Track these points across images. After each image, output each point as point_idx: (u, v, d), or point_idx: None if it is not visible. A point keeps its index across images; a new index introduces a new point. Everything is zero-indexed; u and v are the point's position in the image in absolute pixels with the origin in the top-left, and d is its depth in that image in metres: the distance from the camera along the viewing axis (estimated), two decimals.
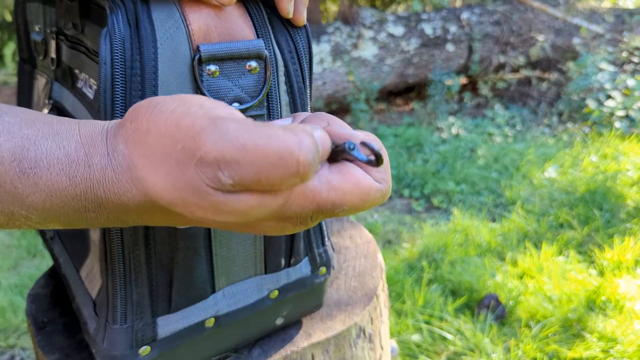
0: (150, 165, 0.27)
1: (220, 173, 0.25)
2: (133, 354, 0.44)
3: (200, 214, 0.27)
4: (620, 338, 1.51)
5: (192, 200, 0.26)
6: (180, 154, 0.26)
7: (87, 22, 0.46)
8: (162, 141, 0.27)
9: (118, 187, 0.28)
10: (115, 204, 0.28)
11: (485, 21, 3.91)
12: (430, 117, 3.52)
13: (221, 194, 0.26)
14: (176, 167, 0.26)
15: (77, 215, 0.29)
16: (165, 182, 0.27)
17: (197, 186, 0.26)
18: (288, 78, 0.45)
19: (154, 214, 0.29)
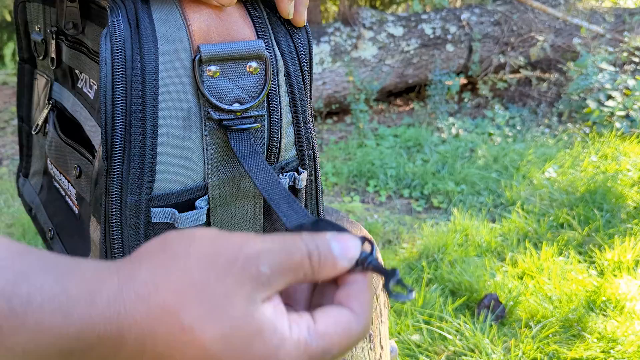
0: (182, 286, 0.27)
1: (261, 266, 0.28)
2: None
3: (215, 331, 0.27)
4: (620, 338, 1.51)
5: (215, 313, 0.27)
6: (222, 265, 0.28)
7: (88, 22, 0.46)
8: (203, 261, 0.28)
9: (124, 319, 0.27)
10: (110, 343, 0.26)
11: (485, 21, 3.91)
12: (430, 117, 3.52)
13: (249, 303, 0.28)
14: (215, 280, 0.28)
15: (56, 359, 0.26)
16: (194, 298, 0.27)
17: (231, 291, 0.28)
18: (288, 79, 0.45)
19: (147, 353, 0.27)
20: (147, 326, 0.26)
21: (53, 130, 0.57)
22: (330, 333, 0.29)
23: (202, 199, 0.44)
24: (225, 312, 0.27)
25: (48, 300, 0.25)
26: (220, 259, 0.28)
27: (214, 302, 0.27)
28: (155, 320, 0.27)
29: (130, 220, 0.42)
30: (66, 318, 0.25)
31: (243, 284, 0.27)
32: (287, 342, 0.28)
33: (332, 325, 0.29)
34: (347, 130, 3.47)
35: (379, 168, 2.76)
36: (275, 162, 0.49)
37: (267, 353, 0.27)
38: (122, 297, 0.27)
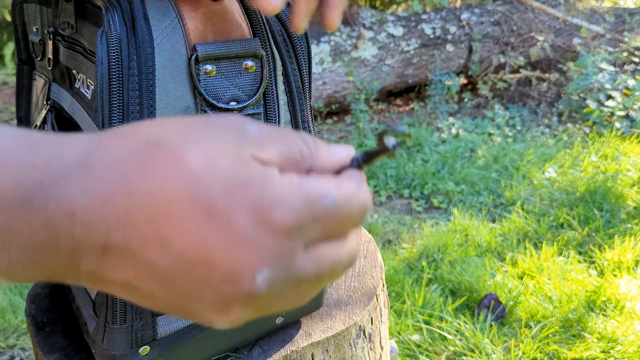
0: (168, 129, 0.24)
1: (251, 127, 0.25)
2: (133, 353, 0.44)
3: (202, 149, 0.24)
4: (620, 338, 1.50)
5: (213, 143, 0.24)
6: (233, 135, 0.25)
7: (84, 23, 0.46)
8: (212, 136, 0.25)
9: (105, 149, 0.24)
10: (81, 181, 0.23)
11: (485, 21, 3.91)
12: (430, 117, 3.52)
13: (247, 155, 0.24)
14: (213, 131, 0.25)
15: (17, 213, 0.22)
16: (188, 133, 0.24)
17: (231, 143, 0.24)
18: (286, 77, 0.45)
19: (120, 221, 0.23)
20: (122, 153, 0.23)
21: (51, 131, 0.57)
22: (326, 183, 0.25)
23: None
24: (210, 142, 0.24)
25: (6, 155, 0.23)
26: (202, 120, 0.25)
27: (196, 134, 0.24)
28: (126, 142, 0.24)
29: None
30: (33, 151, 0.23)
31: (230, 133, 0.24)
32: (275, 175, 0.24)
33: (330, 180, 0.26)
34: (347, 130, 3.47)
35: (378, 168, 2.76)
36: None
37: (252, 178, 0.23)
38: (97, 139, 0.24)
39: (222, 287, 0.23)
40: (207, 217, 0.22)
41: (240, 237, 0.22)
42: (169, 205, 0.22)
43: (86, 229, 0.22)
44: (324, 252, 0.25)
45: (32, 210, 0.22)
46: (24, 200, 0.22)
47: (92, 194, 0.22)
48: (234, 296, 0.23)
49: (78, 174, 0.22)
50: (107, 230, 0.22)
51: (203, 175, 0.23)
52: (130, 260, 0.23)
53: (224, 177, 0.23)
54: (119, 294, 0.25)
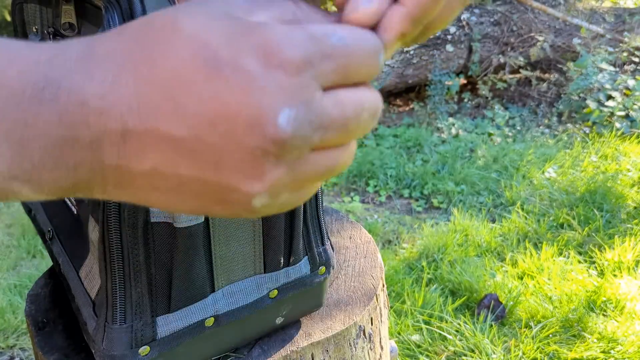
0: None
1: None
2: (132, 353, 0.44)
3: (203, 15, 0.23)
4: (620, 339, 1.50)
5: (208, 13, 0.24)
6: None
7: (84, 23, 0.46)
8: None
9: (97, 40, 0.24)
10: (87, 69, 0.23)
11: (485, 21, 3.91)
12: (429, 117, 3.52)
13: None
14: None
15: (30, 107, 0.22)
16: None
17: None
18: None
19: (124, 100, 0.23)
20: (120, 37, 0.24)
21: None
22: (331, 25, 0.24)
23: None
24: (201, 10, 0.23)
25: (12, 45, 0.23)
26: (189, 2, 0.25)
27: (185, 8, 0.24)
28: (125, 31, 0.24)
29: (128, 220, 0.42)
30: (36, 48, 0.23)
31: (218, 3, 0.24)
32: (277, 22, 0.24)
33: (334, 24, 0.25)
34: None
35: (379, 168, 2.76)
36: None
37: (254, 24, 0.23)
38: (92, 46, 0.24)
39: (248, 141, 0.22)
40: (215, 70, 0.22)
41: (252, 82, 0.22)
42: (175, 71, 0.22)
43: (100, 116, 0.22)
44: (345, 95, 0.24)
45: (44, 104, 0.22)
46: (34, 93, 0.22)
47: (99, 79, 0.22)
48: (262, 149, 0.22)
49: (83, 64, 0.22)
50: (121, 114, 0.22)
51: (202, 34, 0.22)
52: (150, 141, 0.23)
53: (223, 31, 0.22)
54: (147, 193, 0.24)
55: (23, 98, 0.22)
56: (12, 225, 2.33)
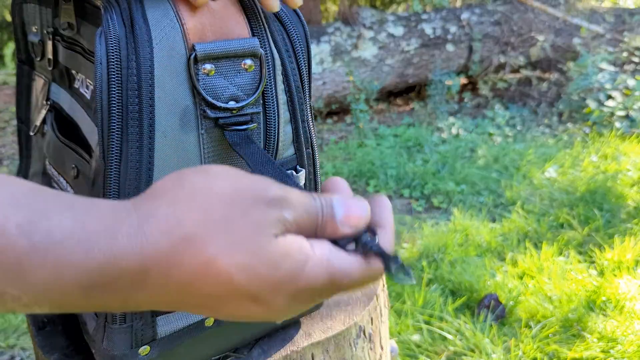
0: (205, 219, 0.28)
1: (284, 211, 0.29)
2: (133, 353, 0.44)
3: (242, 258, 0.28)
4: (620, 338, 1.50)
5: (243, 243, 0.28)
6: (250, 200, 0.29)
7: (83, 22, 0.46)
8: (225, 196, 0.29)
9: (147, 252, 0.27)
10: (133, 275, 0.27)
11: (485, 21, 3.91)
12: (430, 117, 3.52)
13: (275, 236, 0.28)
14: (240, 214, 0.28)
15: (79, 294, 0.26)
16: (218, 230, 0.28)
17: (259, 224, 0.28)
18: (285, 77, 0.45)
19: (171, 285, 0.28)
20: (171, 258, 0.27)
21: (51, 131, 0.57)
22: (350, 260, 0.30)
23: None
24: (250, 244, 0.28)
25: (68, 236, 0.25)
26: (243, 196, 0.29)
27: (238, 235, 0.28)
28: (179, 253, 0.27)
29: None
30: (87, 253, 0.26)
31: (268, 223, 0.28)
32: (311, 258, 0.29)
33: (352, 256, 0.31)
34: (347, 130, 3.47)
35: (379, 168, 2.76)
36: None
37: (294, 270, 0.28)
38: (143, 232, 0.27)
39: (262, 320, 0.31)
40: (253, 302, 0.29)
41: (277, 311, 0.30)
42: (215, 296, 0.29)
43: (137, 306, 0.29)
44: None
45: (87, 299, 0.27)
46: (82, 293, 0.27)
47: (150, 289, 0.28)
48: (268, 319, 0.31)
49: (135, 283, 0.27)
50: (159, 305, 0.29)
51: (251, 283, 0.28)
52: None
53: (272, 280, 0.28)
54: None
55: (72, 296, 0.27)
56: None
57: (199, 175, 0.29)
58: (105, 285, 0.26)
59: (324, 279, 0.29)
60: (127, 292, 0.27)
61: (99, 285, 0.26)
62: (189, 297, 0.28)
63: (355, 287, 0.31)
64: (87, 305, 0.28)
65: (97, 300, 0.27)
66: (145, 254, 0.27)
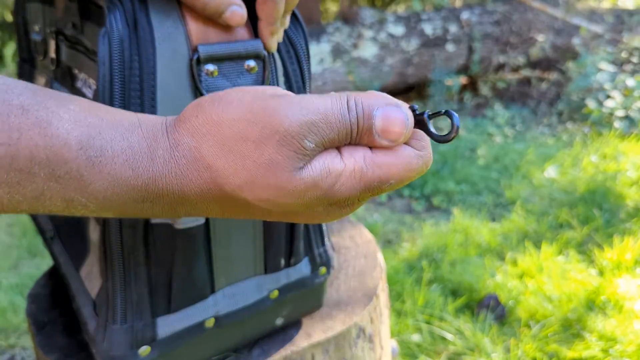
0: (221, 152, 0.29)
1: (305, 141, 0.28)
2: (133, 354, 0.44)
3: (265, 195, 0.28)
4: (619, 338, 1.51)
5: (261, 182, 0.28)
6: (259, 134, 0.28)
7: (86, 22, 0.46)
8: (236, 128, 0.29)
9: (181, 178, 0.29)
10: (175, 195, 0.30)
11: (485, 21, 3.91)
12: None
13: (295, 171, 0.28)
14: (253, 148, 0.28)
15: (134, 205, 0.30)
16: (236, 165, 0.29)
17: (274, 162, 0.28)
18: (287, 78, 0.45)
19: (211, 203, 0.30)
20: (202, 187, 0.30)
21: None
22: (388, 163, 0.29)
23: None
24: (269, 182, 0.28)
25: (118, 153, 0.29)
26: (256, 130, 0.28)
27: (256, 173, 0.29)
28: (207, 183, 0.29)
29: (129, 220, 0.42)
30: (134, 171, 0.29)
31: (286, 156, 0.28)
32: (341, 175, 0.29)
33: (391, 156, 0.30)
34: None
35: None
36: None
37: (324, 194, 0.29)
38: (174, 159, 0.30)
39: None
40: (294, 214, 0.30)
41: (317, 216, 0.31)
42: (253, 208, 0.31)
43: (187, 214, 0.31)
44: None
45: (142, 209, 0.30)
46: (135, 203, 0.30)
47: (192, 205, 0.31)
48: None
49: (174, 195, 0.30)
50: (204, 213, 0.31)
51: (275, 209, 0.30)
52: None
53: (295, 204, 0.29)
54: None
55: (127, 204, 0.30)
56: (13, 224, 2.33)
57: (213, 105, 0.30)
58: (153, 200, 0.30)
59: (361, 189, 0.29)
60: (173, 206, 0.30)
61: (147, 200, 0.30)
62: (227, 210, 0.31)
63: (399, 184, 0.31)
64: (143, 214, 0.31)
65: (150, 211, 0.31)
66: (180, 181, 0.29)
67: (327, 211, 0.30)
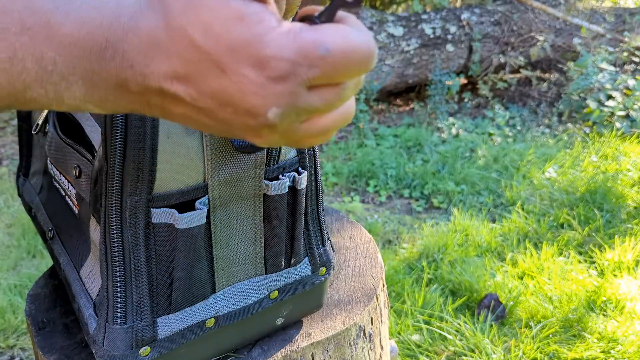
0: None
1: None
2: (133, 354, 0.44)
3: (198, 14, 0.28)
4: (620, 339, 1.50)
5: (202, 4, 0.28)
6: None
7: None
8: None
9: (139, 14, 0.29)
10: (132, 34, 0.29)
11: (485, 21, 3.91)
12: (430, 117, 3.52)
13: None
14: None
15: (97, 55, 0.29)
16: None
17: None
18: None
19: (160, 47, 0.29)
20: (152, 21, 0.29)
21: (53, 130, 0.57)
22: (324, 29, 0.28)
23: (202, 199, 0.44)
24: (204, 3, 0.28)
25: (84, 1, 0.30)
26: None
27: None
28: (157, 16, 0.29)
29: (130, 220, 0.42)
30: (99, 12, 0.29)
31: None
32: (273, 30, 0.28)
33: (328, 26, 0.29)
34: (347, 130, 3.47)
35: (379, 168, 2.76)
36: (275, 162, 0.49)
37: (250, 38, 0.27)
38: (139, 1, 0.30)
39: (247, 120, 0.30)
40: (222, 72, 0.28)
41: (249, 87, 0.28)
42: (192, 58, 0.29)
43: (143, 78, 0.30)
44: (329, 91, 0.30)
45: (106, 61, 0.29)
46: (99, 52, 0.29)
47: (143, 54, 0.29)
48: (258, 126, 0.30)
49: (131, 34, 0.29)
50: (159, 80, 0.30)
51: (208, 43, 0.28)
52: (181, 102, 0.30)
53: (227, 40, 0.28)
54: (183, 122, 0.32)
55: (91, 54, 0.29)
56: (12, 225, 2.33)
57: None
58: (114, 45, 0.29)
59: (294, 49, 0.27)
60: (131, 55, 0.29)
61: (110, 45, 0.29)
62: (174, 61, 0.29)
63: (338, 62, 0.28)
64: (107, 73, 0.30)
65: (112, 64, 0.30)
66: (137, 15, 0.29)
67: (259, 78, 0.28)
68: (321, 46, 0.27)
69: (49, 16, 0.29)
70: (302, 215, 0.51)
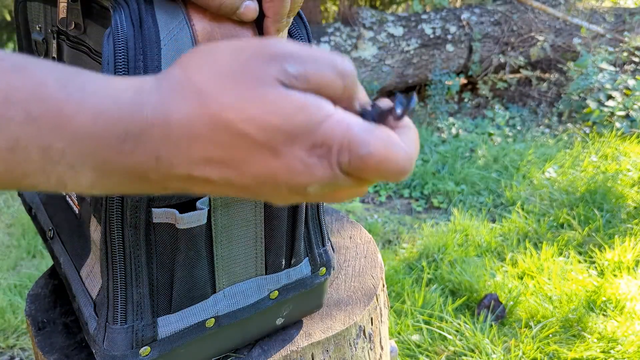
0: (211, 77, 0.29)
1: (287, 64, 0.29)
2: (133, 354, 0.44)
3: (252, 110, 0.28)
4: (620, 339, 1.51)
5: (247, 95, 0.28)
6: (247, 56, 0.29)
7: (90, 22, 0.46)
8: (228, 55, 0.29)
9: (167, 104, 0.29)
10: (158, 128, 0.28)
11: (485, 21, 3.91)
12: (430, 117, 3.52)
13: (282, 87, 0.28)
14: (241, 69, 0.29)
15: (117, 147, 0.28)
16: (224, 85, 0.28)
17: (258, 78, 0.28)
18: None
19: (195, 141, 0.29)
20: (189, 112, 0.28)
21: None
22: (375, 133, 0.29)
23: (203, 199, 0.44)
24: (256, 97, 0.28)
25: (100, 89, 0.28)
26: (246, 52, 0.29)
27: (244, 89, 0.28)
28: (193, 107, 0.28)
29: (130, 220, 0.42)
30: (116, 102, 0.28)
31: (268, 72, 0.28)
32: (332, 117, 0.29)
33: (381, 129, 0.30)
34: None
35: None
36: None
37: (310, 124, 0.28)
38: (161, 89, 0.29)
39: (284, 193, 0.30)
40: (274, 156, 0.29)
41: (299, 167, 0.29)
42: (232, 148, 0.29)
43: (169, 168, 0.29)
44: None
45: (124, 154, 0.28)
46: (117, 145, 0.28)
47: (174, 142, 0.28)
48: (292, 196, 0.31)
49: (158, 127, 0.28)
50: (189, 168, 0.29)
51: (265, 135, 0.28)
52: (210, 184, 0.30)
53: (287, 128, 0.28)
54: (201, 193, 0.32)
55: (108, 147, 0.28)
56: (12, 225, 2.33)
57: (206, 44, 0.31)
58: (135, 139, 0.28)
59: (346, 142, 0.29)
60: (155, 150, 0.28)
61: (129, 139, 0.28)
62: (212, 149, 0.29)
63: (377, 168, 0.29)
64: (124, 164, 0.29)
65: (132, 157, 0.29)
66: (166, 107, 0.28)
67: (306, 159, 0.29)
68: (365, 147, 0.29)
69: (61, 106, 0.27)
70: (302, 216, 0.51)
